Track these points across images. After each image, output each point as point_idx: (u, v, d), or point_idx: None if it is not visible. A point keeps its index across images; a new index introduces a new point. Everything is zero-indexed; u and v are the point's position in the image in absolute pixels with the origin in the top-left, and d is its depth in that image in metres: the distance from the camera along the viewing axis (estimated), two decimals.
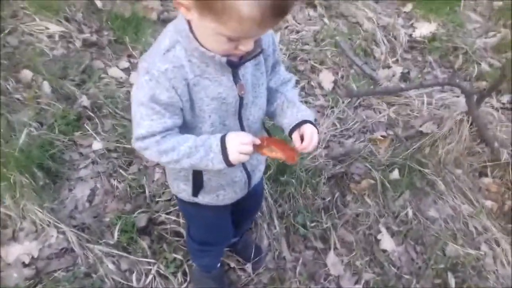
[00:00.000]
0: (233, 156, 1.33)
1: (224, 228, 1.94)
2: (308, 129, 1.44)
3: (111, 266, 2.18)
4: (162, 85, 1.26)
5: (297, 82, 3.37)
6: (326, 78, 3.38)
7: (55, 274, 2.14)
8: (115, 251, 2.24)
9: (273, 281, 2.38)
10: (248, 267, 2.39)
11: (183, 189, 1.66)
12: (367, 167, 2.85)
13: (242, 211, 2.01)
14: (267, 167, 2.61)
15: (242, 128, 1.49)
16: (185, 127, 1.41)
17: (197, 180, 1.58)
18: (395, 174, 2.86)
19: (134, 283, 2.18)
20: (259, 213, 2.54)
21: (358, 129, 3.10)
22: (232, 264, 2.35)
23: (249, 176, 1.67)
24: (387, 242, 2.64)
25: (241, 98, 1.40)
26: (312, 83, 3.38)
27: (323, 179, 2.75)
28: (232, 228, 2.04)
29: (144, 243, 2.31)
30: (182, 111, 1.36)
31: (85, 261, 2.20)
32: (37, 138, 2.51)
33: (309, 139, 1.42)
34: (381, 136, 3.07)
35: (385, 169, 2.86)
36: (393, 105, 3.28)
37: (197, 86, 1.32)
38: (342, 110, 3.16)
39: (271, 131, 1.63)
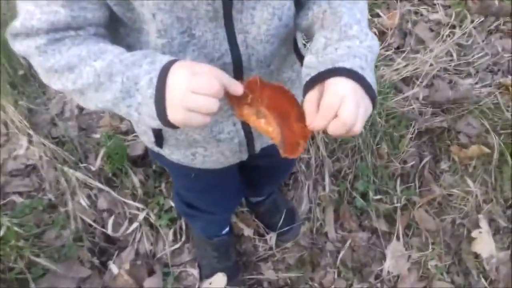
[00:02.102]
0: (175, 113, 0.67)
1: (218, 195, 1.31)
2: (336, 89, 0.69)
3: (84, 201, 1.64)
4: None
5: None
6: None
7: (13, 197, 1.65)
8: (95, 183, 1.68)
9: (302, 263, 1.73)
10: (272, 237, 1.74)
11: (144, 132, 1.04)
12: (484, 126, 1.95)
13: (257, 174, 1.33)
14: None
15: (234, 49, 0.82)
16: (123, 26, 0.80)
17: None
18: None
19: (110, 230, 1.64)
20: (302, 167, 1.80)
21: (485, 66, 2.13)
22: (247, 233, 1.69)
23: (249, 136, 0.96)
24: (484, 243, 1.83)
25: None
26: None
27: (411, 133, 1.89)
28: (239, 192, 1.38)
29: (136, 178, 1.73)
30: None
31: (54, 187, 1.67)
32: None
33: (326, 111, 0.68)
34: None
35: None
36: None
37: None
38: (467, 34, 2.13)
39: None
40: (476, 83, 2.05)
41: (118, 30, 0.80)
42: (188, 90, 0.64)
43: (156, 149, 1.05)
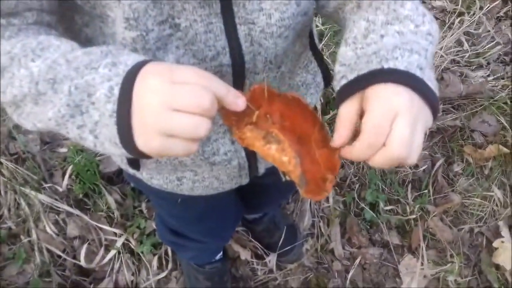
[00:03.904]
0: (146, 139, 0.45)
1: (211, 224, 1.11)
2: (386, 103, 0.48)
3: (50, 228, 1.40)
4: None
5: None
6: None
7: None
8: (63, 206, 1.45)
9: (307, 286, 1.52)
10: (272, 259, 1.53)
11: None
12: (501, 123, 1.78)
13: (256, 193, 1.15)
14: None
15: (234, 46, 0.61)
16: (80, 13, 0.59)
17: None
18: None
19: (82, 260, 1.40)
20: None
21: (496, 57, 1.92)
22: (244, 255, 1.48)
23: (251, 157, 0.79)
24: (507, 253, 1.65)
25: None
26: None
27: None
28: (237, 218, 1.18)
29: (111, 198, 1.49)
30: None
31: (14, 213, 1.43)
32: None
33: (372, 136, 0.48)
34: None
35: None
36: None
37: None
38: (476, 21, 1.95)
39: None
40: (489, 75, 1.88)
41: (73, 18, 0.58)
42: (165, 107, 0.43)
43: (132, 171, 0.83)
